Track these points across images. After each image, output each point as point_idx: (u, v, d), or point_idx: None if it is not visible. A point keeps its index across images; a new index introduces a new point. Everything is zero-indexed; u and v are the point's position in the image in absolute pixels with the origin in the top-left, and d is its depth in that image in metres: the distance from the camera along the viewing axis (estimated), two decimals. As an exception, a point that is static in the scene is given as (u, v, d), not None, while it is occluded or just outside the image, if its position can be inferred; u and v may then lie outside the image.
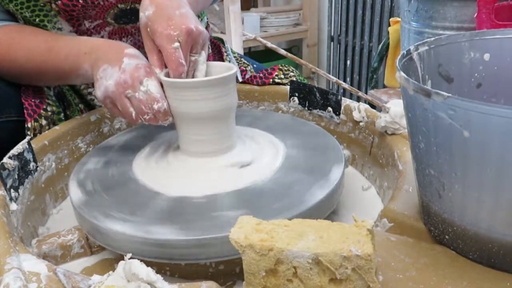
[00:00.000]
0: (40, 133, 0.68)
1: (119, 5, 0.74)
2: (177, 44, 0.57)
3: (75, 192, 0.56)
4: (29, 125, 0.67)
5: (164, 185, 0.56)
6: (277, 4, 2.76)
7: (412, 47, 0.47)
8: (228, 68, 0.61)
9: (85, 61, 0.63)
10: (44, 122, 0.69)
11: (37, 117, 0.68)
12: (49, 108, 0.71)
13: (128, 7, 0.75)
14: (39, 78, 0.71)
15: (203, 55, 0.62)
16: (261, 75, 0.85)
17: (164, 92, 0.58)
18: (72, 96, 0.80)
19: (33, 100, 0.69)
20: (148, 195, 0.54)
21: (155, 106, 0.57)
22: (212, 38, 1.00)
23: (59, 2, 0.69)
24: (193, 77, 0.62)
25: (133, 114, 0.59)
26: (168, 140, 0.67)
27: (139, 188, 0.56)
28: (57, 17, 0.72)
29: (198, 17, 0.88)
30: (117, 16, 0.75)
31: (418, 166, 0.44)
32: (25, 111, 0.68)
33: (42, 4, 0.69)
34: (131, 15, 0.76)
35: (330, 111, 0.75)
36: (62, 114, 0.73)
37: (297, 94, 0.80)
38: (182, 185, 0.55)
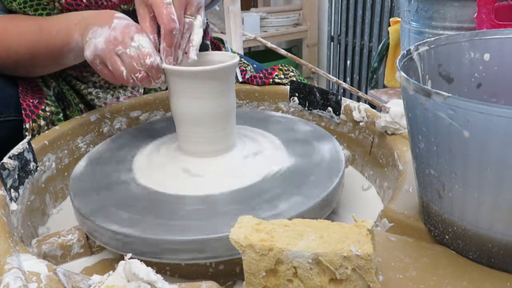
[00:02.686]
0: (39, 133, 0.68)
1: (121, 6, 0.74)
2: (169, 0, 0.56)
3: (79, 165, 0.62)
4: (27, 125, 0.67)
5: (158, 184, 0.56)
6: (277, 4, 2.76)
7: (412, 47, 0.47)
8: (230, 57, 0.60)
9: (75, 31, 0.62)
10: (42, 122, 0.69)
11: (36, 118, 0.68)
12: (47, 108, 0.71)
13: (131, 8, 0.75)
14: (34, 63, 0.70)
15: (199, 19, 0.61)
16: (261, 75, 0.84)
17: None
18: (72, 96, 0.80)
19: (31, 101, 0.69)
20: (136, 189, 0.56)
21: (148, 61, 0.55)
22: (212, 38, 1.00)
23: (63, 1, 0.69)
24: (189, 40, 0.61)
25: (124, 73, 0.57)
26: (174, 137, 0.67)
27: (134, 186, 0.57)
28: None
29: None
30: None
31: (418, 166, 0.44)
32: (23, 111, 0.67)
33: (45, 3, 0.70)
34: (133, 16, 0.76)
35: (330, 111, 0.75)
36: (61, 114, 0.73)
37: (297, 94, 0.79)
38: (179, 184, 0.56)
